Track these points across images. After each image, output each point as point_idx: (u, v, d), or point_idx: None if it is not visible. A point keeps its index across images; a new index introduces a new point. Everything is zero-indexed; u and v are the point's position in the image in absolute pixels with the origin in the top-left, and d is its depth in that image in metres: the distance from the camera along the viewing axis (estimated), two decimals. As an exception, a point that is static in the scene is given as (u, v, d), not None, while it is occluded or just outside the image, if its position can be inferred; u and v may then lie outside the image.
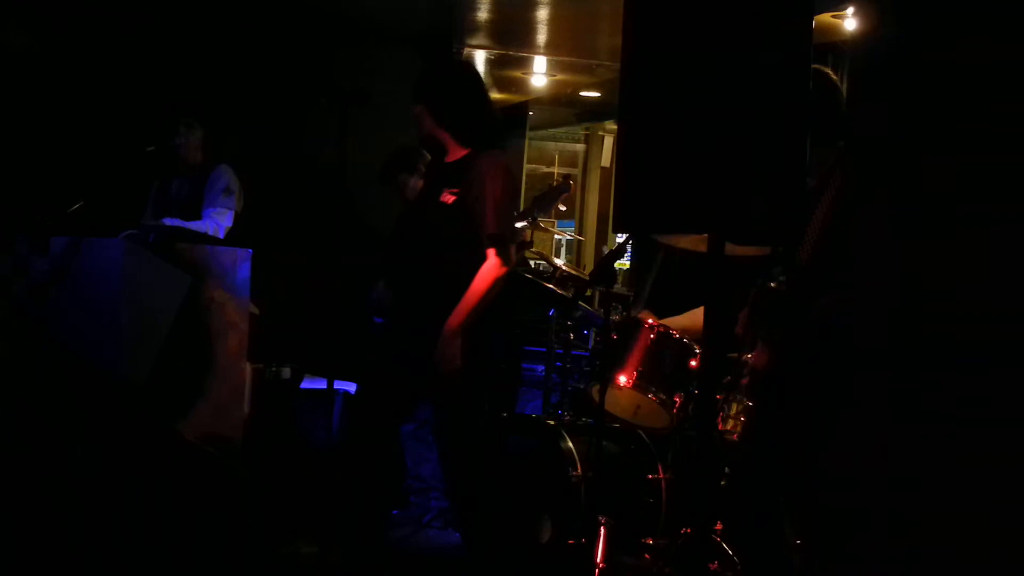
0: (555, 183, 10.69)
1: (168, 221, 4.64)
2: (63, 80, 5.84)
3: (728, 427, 4.25)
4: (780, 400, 3.41)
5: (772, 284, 3.42)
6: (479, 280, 3.75)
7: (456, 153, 3.91)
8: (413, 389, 3.91)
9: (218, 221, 4.69)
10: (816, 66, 3.25)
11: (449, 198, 3.80)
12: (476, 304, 3.72)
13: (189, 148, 4.90)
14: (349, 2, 6.17)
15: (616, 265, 4.57)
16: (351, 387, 5.09)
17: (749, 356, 3.47)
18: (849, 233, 2.08)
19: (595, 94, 9.02)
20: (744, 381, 3.50)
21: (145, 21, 6.06)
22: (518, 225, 4.40)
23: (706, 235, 2.49)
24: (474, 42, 7.10)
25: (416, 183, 5.08)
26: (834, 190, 3.19)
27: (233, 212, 4.77)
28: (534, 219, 4.66)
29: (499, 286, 3.79)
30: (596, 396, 4.14)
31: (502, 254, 3.77)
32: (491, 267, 3.75)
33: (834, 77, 3.43)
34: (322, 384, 4.41)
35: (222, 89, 5.94)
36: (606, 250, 9.28)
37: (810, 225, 3.25)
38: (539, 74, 7.94)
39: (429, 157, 5.13)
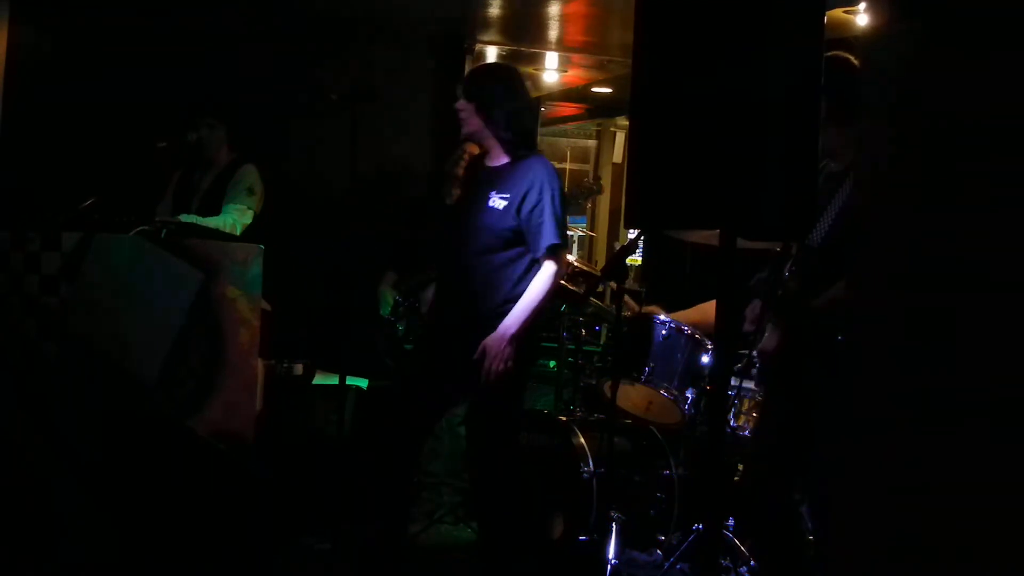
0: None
1: (185, 218, 4.66)
2: (75, 77, 5.85)
3: (740, 423, 4.24)
4: (790, 388, 3.40)
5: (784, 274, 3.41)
6: (536, 288, 3.77)
7: (500, 157, 3.91)
8: (457, 388, 3.93)
9: (236, 217, 4.72)
10: (836, 52, 3.22)
11: (500, 203, 3.80)
12: (532, 311, 3.75)
13: (213, 146, 4.96)
14: (360, -2, 6.16)
15: (628, 261, 4.56)
16: (363, 383, 5.10)
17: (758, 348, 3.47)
18: (863, 229, 2.07)
19: (607, 90, 8.99)
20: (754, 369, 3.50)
21: (157, 18, 6.07)
22: None
23: (717, 230, 2.48)
24: (486, 38, 7.08)
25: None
26: (852, 181, 3.18)
27: (253, 212, 4.81)
28: None
29: (552, 294, 3.82)
30: (608, 392, 4.14)
31: (558, 263, 3.79)
32: (548, 276, 3.77)
33: (854, 62, 3.34)
34: (334, 380, 4.41)
35: (232, 86, 5.94)
36: (618, 246, 9.27)
37: (826, 210, 3.23)
38: (551, 70, 7.92)
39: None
